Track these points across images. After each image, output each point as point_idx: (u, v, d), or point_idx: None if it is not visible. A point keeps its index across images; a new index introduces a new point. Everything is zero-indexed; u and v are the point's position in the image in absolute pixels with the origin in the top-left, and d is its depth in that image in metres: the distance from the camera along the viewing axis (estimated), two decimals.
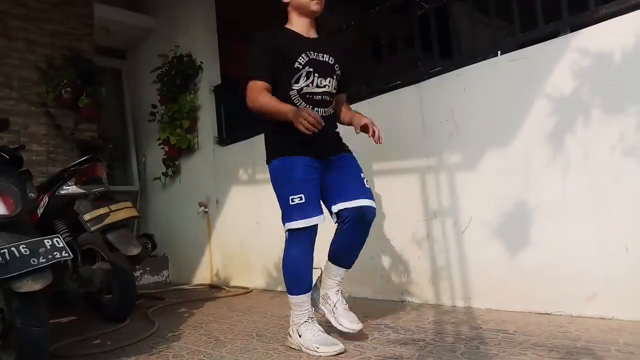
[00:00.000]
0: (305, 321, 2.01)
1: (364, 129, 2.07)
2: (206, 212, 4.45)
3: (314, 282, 2.16)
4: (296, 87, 2.02)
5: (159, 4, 5.13)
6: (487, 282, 2.45)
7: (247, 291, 3.78)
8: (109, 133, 4.95)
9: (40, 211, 2.91)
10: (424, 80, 2.78)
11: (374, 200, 2.09)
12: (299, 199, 1.95)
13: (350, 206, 2.04)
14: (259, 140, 3.91)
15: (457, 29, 2.90)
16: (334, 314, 2.13)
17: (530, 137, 2.31)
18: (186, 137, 4.56)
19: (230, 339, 2.28)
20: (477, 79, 2.53)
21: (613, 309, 2.03)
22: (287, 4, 2.11)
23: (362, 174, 2.13)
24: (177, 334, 2.48)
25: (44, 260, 1.68)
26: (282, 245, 3.64)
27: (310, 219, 1.97)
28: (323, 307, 2.18)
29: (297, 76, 2.02)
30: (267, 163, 2.09)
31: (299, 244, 2.01)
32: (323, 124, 1.86)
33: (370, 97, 3.02)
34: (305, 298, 2.03)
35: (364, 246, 2.18)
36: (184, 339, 2.37)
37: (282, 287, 3.68)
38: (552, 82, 2.24)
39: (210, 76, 4.54)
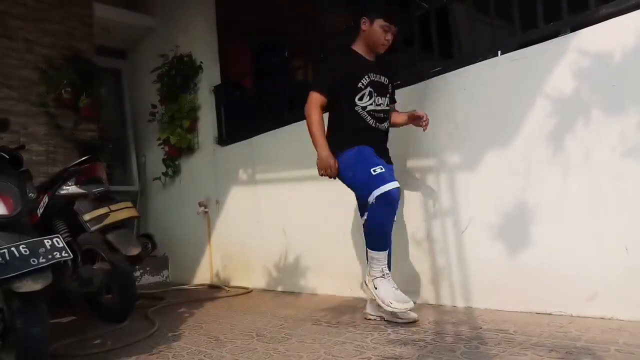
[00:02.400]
0: (382, 276, 2.31)
1: (419, 119, 2.47)
2: (206, 212, 4.45)
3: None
4: (360, 104, 2.40)
5: (159, 3, 5.13)
6: (487, 282, 2.45)
7: (247, 291, 3.78)
8: (108, 133, 4.94)
9: (40, 211, 2.91)
10: (424, 80, 2.78)
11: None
12: (379, 169, 2.27)
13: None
14: (259, 140, 3.93)
15: (457, 29, 2.91)
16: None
17: (531, 137, 2.31)
18: (186, 137, 4.56)
19: (231, 339, 2.28)
20: (477, 79, 2.53)
21: (613, 309, 2.03)
22: (362, 30, 2.46)
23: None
24: (177, 334, 2.48)
25: (43, 260, 1.68)
26: (282, 244, 3.67)
27: (394, 182, 2.26)
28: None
29: (360, 94, 2.39)
30: (340, 154, 2.38)
31: (386, 207, 2.26)
32: (335, 175, 2.39)
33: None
34: (384, 255, 2.34)
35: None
36: (184, 339, 2.37)
37: (282, 287, 3.69)
38: (552, 82, 2.24)
39: (210, 76, 4.54)
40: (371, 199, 2.25)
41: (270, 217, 3.80)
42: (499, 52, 2.49)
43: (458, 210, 2.58)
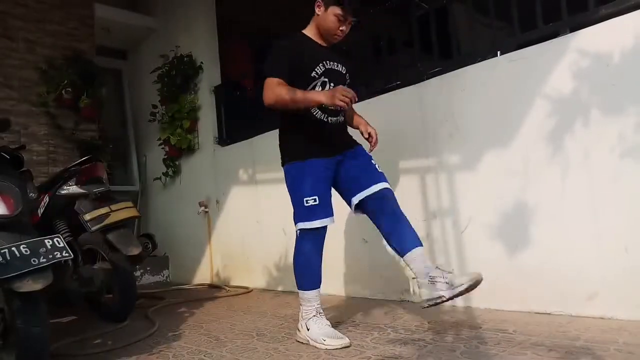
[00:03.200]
0: (314, 315, 2.10)
1: (368, 136, 2.25)
2: (206, 212, 4.46)
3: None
4: None
5: (160, 4, 5.14)
6: (487, 282, 2.44)
7: (247, 291, 3.79)
8: (109, 133, 4.95)
9: (40, 211, 2.91)
10: (424, 80, 2.78)
11: (388, 182, 2.17)
12: (313, 200, 2.08)
13: (369, 193, 2.12)
14: (259, 141, 3.93)
15: (456, 30, 2.91)
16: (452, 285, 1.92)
17: (530, 137, 2.31)
18: (186, 137, 4.57)
19: (231, 339, 2.29)
20: (477, 80, 2.53)
21: (612, 309, 2.03)
22: (316, 15, 2.18)
23: (372, 161, 2.21)
24: (177, 334, 2.48)
25: (44, 260, 1.69)
26: (282, 244, 3.67)
27: (323, 219, 2.10)
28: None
29: (312, 84, 2.13)
30: (282, 165, 2.21)
31: (311, 243, 2.13)
32: (356, 99, 1.97)
33: (370, 98, 3.02)
34: (315, 293, 2.14)
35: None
36: (184, 339, 2.37)
37: (282, 287, 3.69)
38: (552, 83, 2.24)
39: (210, 76, 4.54)
40: (297, 227, 2.15)
41: (270, 217, 3.80)
42: (499, 52, 2.49)
43: (458, 210, 2.58)
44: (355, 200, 2.14)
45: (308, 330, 2.07)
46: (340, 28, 2.14)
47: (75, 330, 2.66)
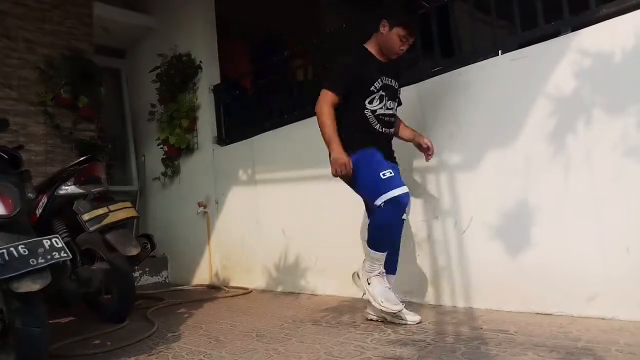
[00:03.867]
0: (378, 274, 2.31)
1: (426, 147, 2.50)
2: (205, 212, 4.44)
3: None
4: (370, 107, 2.36)
5: (158, 3, 5.12)
6: (488, 282, 2.45)
7: (246, 291, 3.78)
8: (108, 133, 4.93)
9: (39, 211, 2.90)
10: (425, 79, 2.78)
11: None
12: (389, 172, 2.25)
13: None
14: (259, 140, 3.93)
15: (457, 29, 2.90)
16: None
17: (531, 137, 2.30)
18: (185, 137, 4.55)
19: (230, 339, 2.28)
20: (478, 79, 2.52)
21: (614, 309, 2.02)
22: (379, 32, 2.39)
23: None
24: (176, 335, 2.47)
25: (42, 260, 1.68)
26: (282, 245, 3.66)
27: (403, 186, 2.26)
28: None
29: (370, 98, 2.36)
30: (350, 155, 2.32)
31: (395, 211, 2.25)
32: (350, 174, 2.30)
33: None
34: (384, 256, 2.32)
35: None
36: (184, 340, 2.36)
37: (282, 288, 3.68)
38: (553, 82, 2.23)
39: (209, 76, 4.53)
40: (379, 201, 2.22)
41: (270, 217, 3.79)
42: (500, 51, 2.49)
43: (459, 211, 2.58)
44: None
45: (369, 284, 2.30)
46: (402, 47, 2.37)
47: (75, 331, 2.64)
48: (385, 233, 2.30)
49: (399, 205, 2.23)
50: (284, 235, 3.64)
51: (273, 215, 3.75)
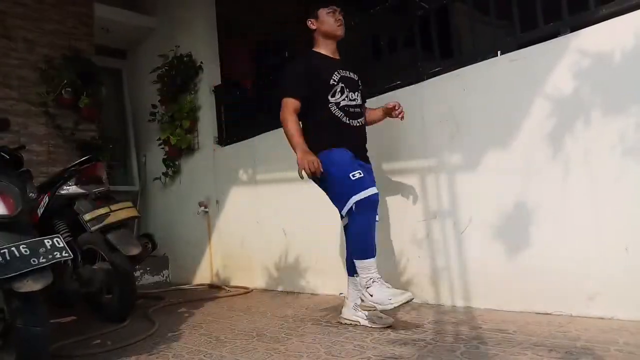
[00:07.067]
0: (374, 282, 2.24)
1: (392, 109, 2.48)
2: (206, 212, 4.45)
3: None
4: (333, 100, 2.36)
5: (159, 4, 5.13)
6: (487, 282, 2.45)
7: (247, 291, 3.78)
8: (109, 133, 4.94)
9: (40, 211, 2.91)
10: (424, 80, 2.78)
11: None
12: (358, 173, 2.24)
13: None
14: (259, 141, 3.93)
15: (457, 29, 2.90)
16: None
17: (531, 137, 2.31)
18: (186, 137, 4.56)
19: (231, 339, 2.29)
20: (477, 79, 2.53)
21: (613, 309, 2.03)
22: (315, 30, 2.46)
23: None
24: (177, 334, 2.48)
25: (44, 260, 1.69)
26: (282, 244, 3.67)
27: (372, 188, 2.26)
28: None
29: (332, 91, 2.36)
30: (318, 154, 2.31)
31: (367, 213, 2.24)
32: (322, 172, 2.26)
33: (370, 97, 3.01)
34: (373, 262, 2.27)
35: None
36: (184, 339, 2.37)
37: (282, 287, 3.69)
38: (552, 82, 2.24)
39: (210, 76, 4.54)
40: (350, 204, 2.21)
41: (270, 217, 3.80)
42: (499, 52, 2.49)
43: (458, 210, 2.58)
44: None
45: (372, 296, 2.20)
46: (337, 19, 2.42)
47: (75, 331, 2.65)
48: (367, 237, 2.26)
49: (372, 204, 2.24)
50: (285, 235, 3.65)
51: (273, 215, 3.76)
